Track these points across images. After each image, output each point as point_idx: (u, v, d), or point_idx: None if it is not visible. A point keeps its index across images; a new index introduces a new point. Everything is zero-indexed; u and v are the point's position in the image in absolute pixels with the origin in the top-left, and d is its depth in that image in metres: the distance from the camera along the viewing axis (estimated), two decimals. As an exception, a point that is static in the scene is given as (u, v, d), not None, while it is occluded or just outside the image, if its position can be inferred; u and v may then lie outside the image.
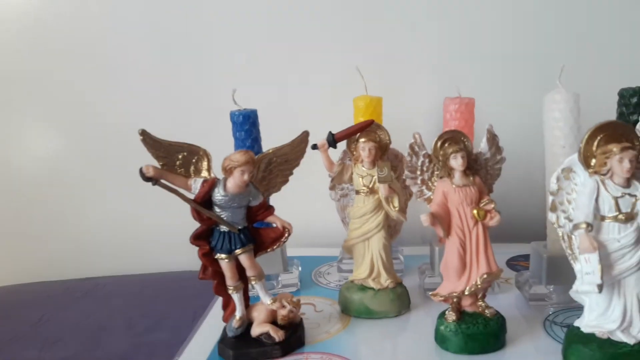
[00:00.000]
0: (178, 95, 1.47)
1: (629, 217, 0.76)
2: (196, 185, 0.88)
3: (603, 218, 0.77)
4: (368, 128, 1.02)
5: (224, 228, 0.89)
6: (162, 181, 0.86)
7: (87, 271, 1.48)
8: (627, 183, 0.76)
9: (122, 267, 1.47)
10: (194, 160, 0.89)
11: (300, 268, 1.23)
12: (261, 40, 1.44)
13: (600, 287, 0.74)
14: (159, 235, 1.48)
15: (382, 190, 0.99)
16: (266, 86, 1.41)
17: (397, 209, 1.00)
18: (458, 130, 0.91)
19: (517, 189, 1.31)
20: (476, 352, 0.87)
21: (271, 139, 0.99)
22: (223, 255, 0.90)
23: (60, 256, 1.55)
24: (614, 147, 0.75)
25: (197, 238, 0.90)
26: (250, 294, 0.96)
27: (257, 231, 0.93)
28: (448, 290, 0.90)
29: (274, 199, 0.97)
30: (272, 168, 0.93)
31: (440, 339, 0.90)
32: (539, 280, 1.02)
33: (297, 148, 0.95)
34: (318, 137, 1.02)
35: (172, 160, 0.89)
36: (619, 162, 0.75)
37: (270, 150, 0.92)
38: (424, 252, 1.21)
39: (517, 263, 1.25)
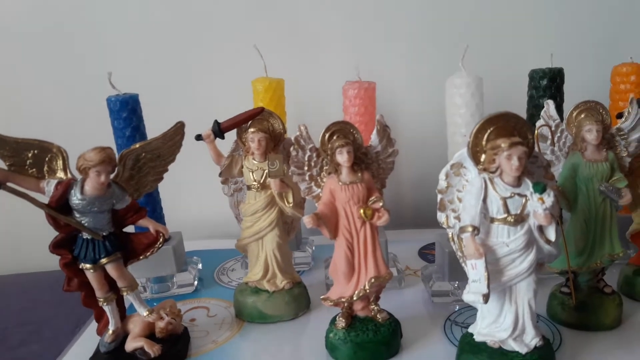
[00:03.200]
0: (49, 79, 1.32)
1: (519, 219, 0.69)
2: (49, 187, 0.77)
3: (492, 220, 0.70)
4: (258, 116, 0.92)
5: (87, 235, 0.79)
6: (9, 184, 0.75)
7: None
8: (518, 182, 0.69)
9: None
10: (47, 159, 0.78)
11: (199, 266, 1.14)
12: (149, 16, 1.31)
13: (486, 297, 0.68)
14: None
15: (274, 185, 0.90)
16: (154, 68, 1.28)
17: (291, 204, 0.92)
18: (347, 121, 0.82)
19: (432, 173, 1.25)
20: (366, 361, 0.80)
21: (160, 128, 0.87)
22: (88, 265, 0.80)
23: None
24: (502, 143, 0.68)
25: (58, 246, 0.80)
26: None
27: (128, 237, 0.84)
28: (337, 295, 0.83)
29: (175, 189, 0.86)
30: (141, 165, 0.83)
31: (330, 347, 0.83)
32: (443, 276, 0.96)
33: (170, 141, 0.84)
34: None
35: (21, 159, 0.77)
36: (507, 160, 0.67)
37: (138, 145, 0.82)
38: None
39: (429, 252, 1.19)
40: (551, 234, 0.70)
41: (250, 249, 0.96)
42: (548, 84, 0.99)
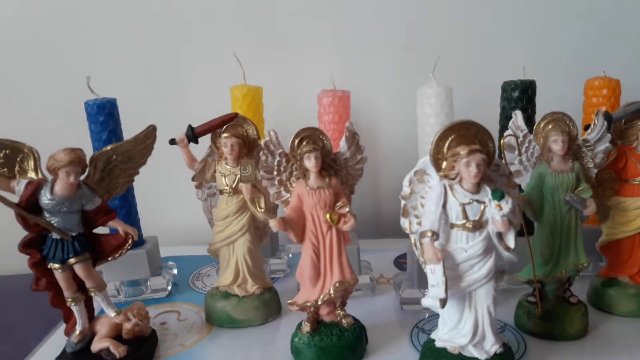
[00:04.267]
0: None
1: (477, 226, 0.70)
2: (20, 187, 0.79)
3: (452, 226, 0.71)
4: (232, 122, 0.93)
5: (56, 235, 0.80)
6: (-21, 184, 0.76)
7: None
8: (477, 189, 0.70)
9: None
10: (18, 159, 0.79)
11: (174, 271, 1.15)
12: (129, 23, 1.33)
13: (444, 302, 0.69)
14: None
15: (245, 190, 0.91)
16: (134, 74, 1.30)
17: (263, 210, 0.93)
18: (317, 128, 0.83)
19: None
20: (330, 366, 0.81)
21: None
22: (56, 265, 0.81)
23: None
24: (462, 150, 0.69)
25: (28, 246, 0.81)
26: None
27: (97, 238, 0.84)
28: (303, 299, 0.83)
29: (155, 196, 0.87)
30: (112, 167, 0.84)
31: (295, 352, 0.83)
32: (412, 283, 0.97)
33: (141, 145, 0.86)
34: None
35: (-7, 159, 0.78)
36: (466, 166, 0.69)
37: (109, 147, 0.83)
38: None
39: (404, 261, 1.20)
40: (510, 241, 0.71)
41: (222, 254, 0.97)
42: (520, 95, 1.00)
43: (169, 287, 1.09)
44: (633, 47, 1.32)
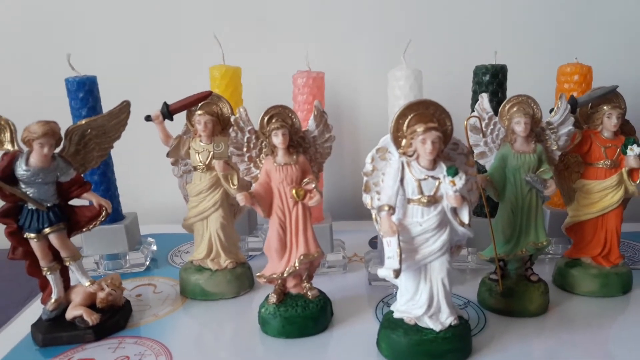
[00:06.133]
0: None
1: (432, 201, 0.73)
2: (-4, 158, 0.81)
3: (409, 201, 0.74)
4: (207, 100, 0.96)
5: (31, 205, 0.83)
6: (-44, 156, 0.79)
7: None
8: (433, 166, 0.73)
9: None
10: (-5, 131, 0.82)
11: (154, 247, 1.18)
12: (111, 2, 1.35)
13: (397, 273, 0.71)
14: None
15: (218, 166, 0.94)
16: (115, 53, 1.32)
17: (236, 187, 0.95)
18: (286, 106, 0.85)
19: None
20: (294, 335, 0.84)
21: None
22: (32, 235, 0.84)
23: None
24: (418, 128, 0.72)
25: (5, 215, 0.84)
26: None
27: (72, 209, 0.87)
28: (270, 272, 0.86)
29: (136, 172, 0.89)
30: (87, 141, 0.87)
31: (262, 322, 0.86)
32: (381, 260, 0.99)
33: (115, 119, 0.88)
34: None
35: (-31, 132, 0.81)
36: (422, 143, 0.71)
37: (84, 122, 0.86)
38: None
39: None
40: (464, 216, 0.74)
41: (196, 229, 1.00)
42: (490, 79, 1.03)
43: (147, 262, 1.12)
44: (606, 35, 1.33)
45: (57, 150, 0.84)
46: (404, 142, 0.74)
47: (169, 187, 1.26)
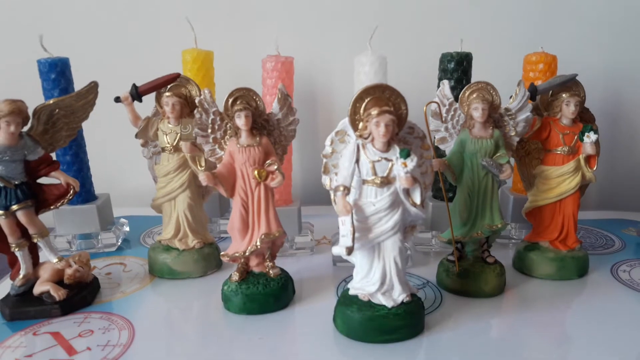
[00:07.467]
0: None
1: (385, 182, 0.75)
2: (-36, 136, 0.83)
3: (364, 182, 0.76)
4: (176, 82, 0.98)
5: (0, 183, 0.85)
6: None
7: None
8: (387, 148, 0.75)
9: None
10: (-37, 110, 0.83)
11: (126, 228, 1.20)
12: None
13: (350, 250, 0.74)
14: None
15: (185, 148, 0.96)
16: (88, 35, 1.33)
17: (203, 168, 0.97)
18: (250, 88, 0.87)
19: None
20: (255, 312, 0.87)
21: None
22: (0, 212, 0.85)
23: None
24: (373, 111, 0.74)
25: (-27, 193, 0.85)
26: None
27: (40, 187, 0.89)
28: (233, 250, 0.89)
29: (110, 156, 0.91)
30: (55, 120, 0.89)
31: (225, 299, 0.89)
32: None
33: (83, 100, 0.90)
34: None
35: (-61, 110, 0.82)
36: (376, 126, 0.74)
37: (51, 101, 0.87)
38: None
39: (348, 225, 1.25)
40: (416, 197, 0.76)
41: (164, 209, 1.02)
42: (455, 67, 1.05)
43: (119, 242, 1.14)
44: (572, 24, 1.36)
45: (25, 129, 0.86)
46: (360, 125, 0.77)
47: (144, 170, 1.29)
